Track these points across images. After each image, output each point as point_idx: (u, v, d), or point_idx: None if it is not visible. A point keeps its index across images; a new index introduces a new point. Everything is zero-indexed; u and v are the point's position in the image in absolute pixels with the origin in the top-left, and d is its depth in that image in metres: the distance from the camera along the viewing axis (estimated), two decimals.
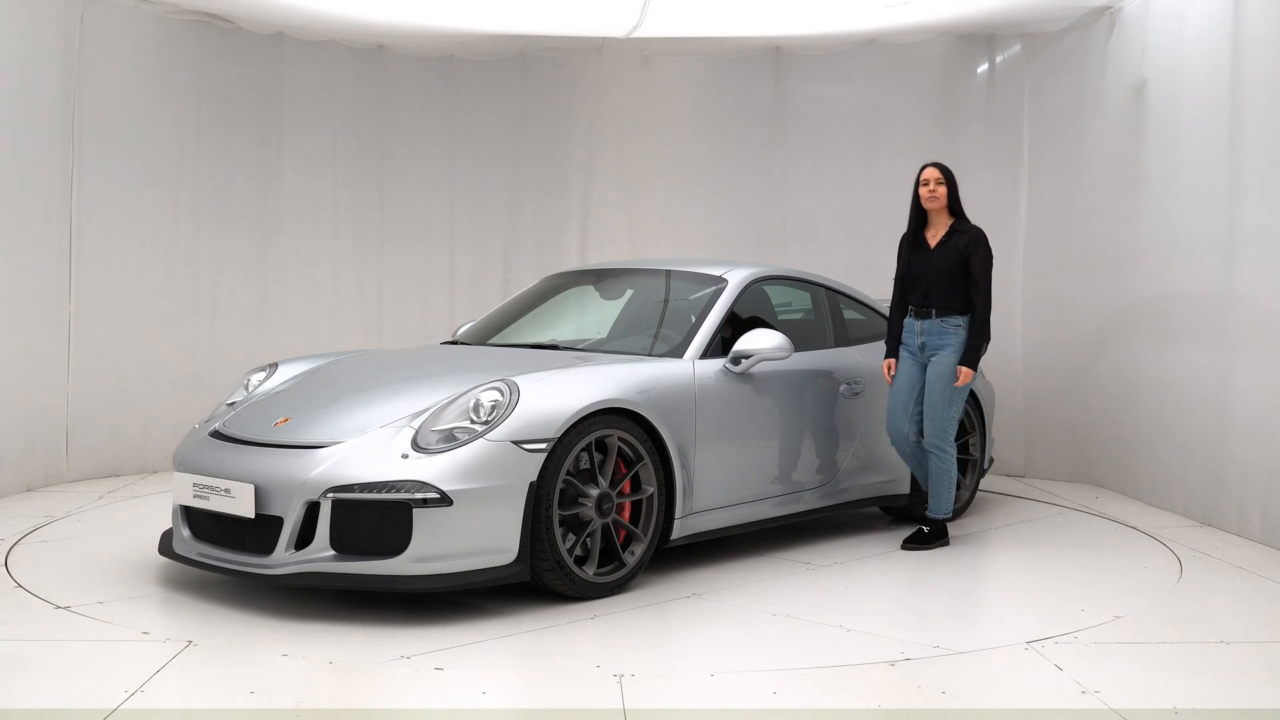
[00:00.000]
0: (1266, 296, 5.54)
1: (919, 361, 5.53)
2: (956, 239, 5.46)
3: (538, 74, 8.52)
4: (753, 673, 3.65)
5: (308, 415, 4.58)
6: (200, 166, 7.82)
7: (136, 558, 5.04)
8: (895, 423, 5.56)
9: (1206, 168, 6.07)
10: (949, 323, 5.43)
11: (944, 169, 5.54)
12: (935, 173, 5.51)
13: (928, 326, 5.47)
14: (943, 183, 5.49)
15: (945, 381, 5.41)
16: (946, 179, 5.50)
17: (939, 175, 5.51)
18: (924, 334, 5.49)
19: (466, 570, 4.14)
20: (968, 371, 5.40)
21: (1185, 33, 6.35)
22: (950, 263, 5.42)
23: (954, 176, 5.55)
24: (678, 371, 4.95)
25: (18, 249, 6.63)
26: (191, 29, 7.74)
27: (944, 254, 5.46)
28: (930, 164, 5.56)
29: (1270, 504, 5.52)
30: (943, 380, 5.41)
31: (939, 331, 5.45)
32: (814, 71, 8.37)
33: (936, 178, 5.50)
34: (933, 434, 5.47)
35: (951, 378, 5.39)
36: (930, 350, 5.47)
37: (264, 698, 3.36)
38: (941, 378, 5.42)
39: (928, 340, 5.48)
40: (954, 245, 5.45)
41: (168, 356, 7.69)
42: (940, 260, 5.46)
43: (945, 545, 5.56)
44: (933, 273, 5.46)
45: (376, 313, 8.45)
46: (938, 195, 5.49)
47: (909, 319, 5.57)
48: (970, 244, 5.43)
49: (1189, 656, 3.87)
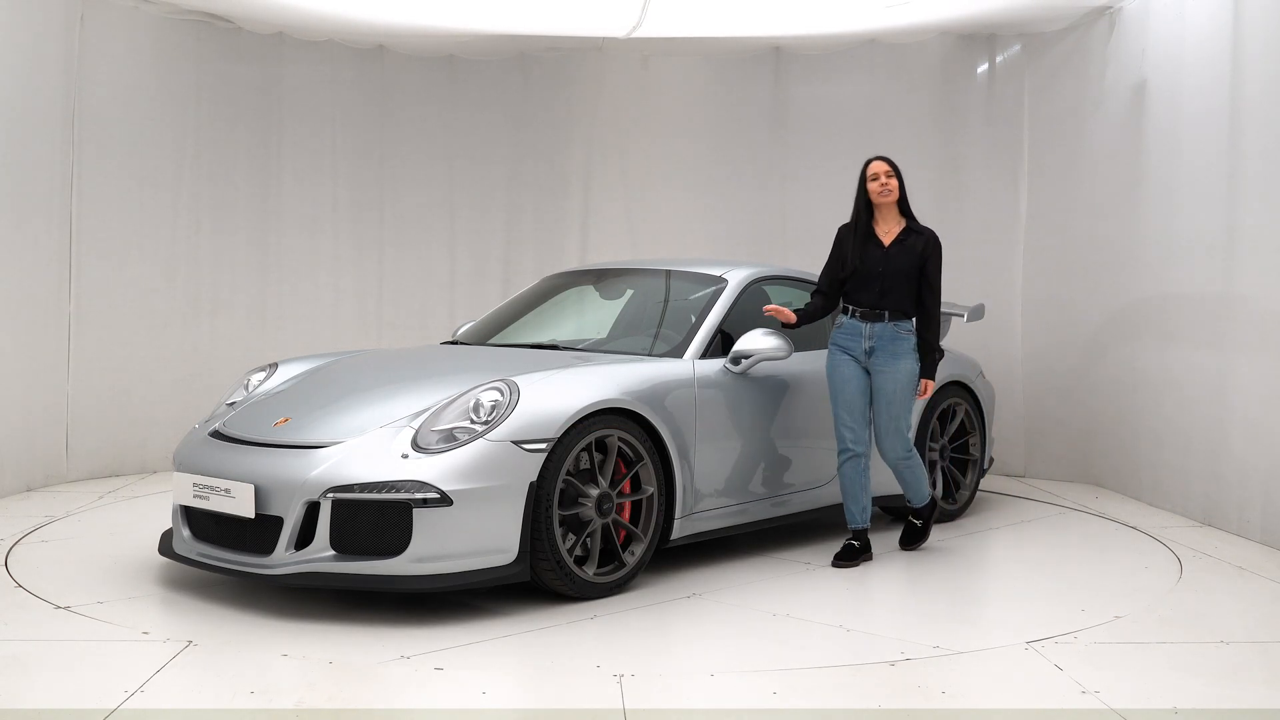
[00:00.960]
0: (1266, 296, 5.54)
1: (863, 367, 5.16)
2: (914, 240, 5.17)
3: (538, 74, 8.52)
4: (753, 673, 3.65)
5: (308, 415, 4.58)
6: (200, 167, 7.82)
7: (136, 558, 5.04)
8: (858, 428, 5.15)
9: (1206, 168, 6.07)
10: (901, 327, 5.13)
11: (893, 163, 5.24)
12: (885, 166, 5.20)
13: (879, 331, 5.11)
14: (893, 176, 5.18)
15: (905, 391, 5.11)
16: (896, 173, 5.20)
17: (889, 169, 5.19)
18: (874, 338, 5.11)
19: (466, 570, 4.14)
20: (932, 384, 5.19)
21: (1185, 33, 6.35)
22: (909, 264, 5.13)
23: (901, 172, 5.25)
24: (678, 371, 4.95)
25: (18, 249, 6.63)
26: (191, 29, 7.74)
27: (902, 254, 5.14)
28: (877, 157, 5.25)
29: (1270, 504, 5.52)
30: (902, 390, 5.11)
31: (892, 337, 5.11)
32: (814, 71, 8.37)
33: (887, 171, 5.18)
34: (898, 446, 5.18)
35: (909, 386, 5.12)
36: (881, 357, 5.11)
37: (264, 698, 3.36)
38: (901, 388, 5.11)
39: (878, 345, 5.11)
40: (912, 246, 5.16)
41: (168, 356, 7.69)
42: (900, 260, 5.13)
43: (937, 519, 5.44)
44: (891, 273, 5.12)
45: (376, 313, 8.45)
46: (890, 189, 5.16)
47: (852, 320, 5.17)
48: (928, 246, 5.17)
49: (1189, 656, 3.87)
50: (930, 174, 8.11)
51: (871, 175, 5.19)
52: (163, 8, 7.53)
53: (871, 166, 5.21)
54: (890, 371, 5.10)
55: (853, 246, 5.20)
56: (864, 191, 5.20)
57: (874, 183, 5.17)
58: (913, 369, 5.13)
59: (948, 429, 6.27)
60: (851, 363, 5.16)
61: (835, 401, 5.18)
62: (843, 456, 5.15)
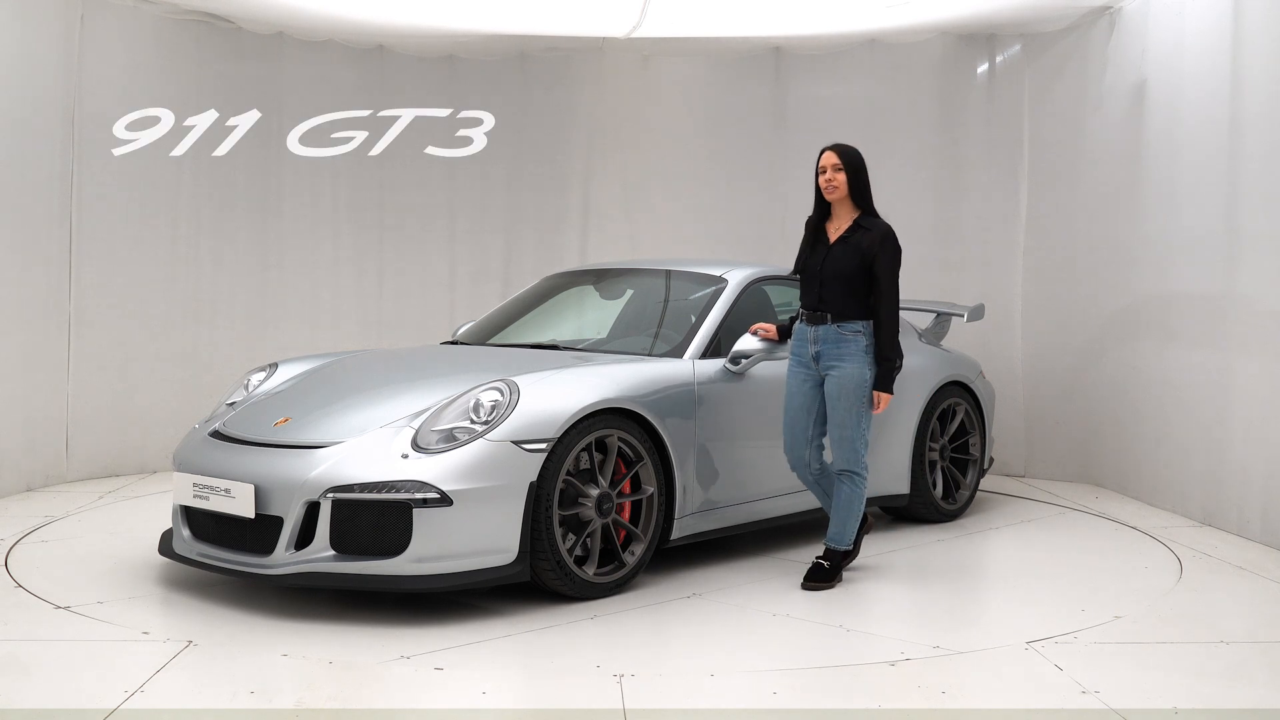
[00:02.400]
0: (1266, 296, 5.54)
1: (813, 375, 4.79)
2: (860, 236, 4.70)
3: (538, 74, 8.52)
4: (753, 673, 3.65)
5: (308, 415, 4.58)
6: (200, 167, 7.81)
7: (136, 558, 5.04)
8: (795, 449, 4.84)
9: (1206, 167, 6.07)
10: (847, 329, 4.70)
11: (846, 153, 4.74)
12: (833, 158, 4.73)
13: (823, 334, 4.72)
14: (841, 169, 4.70)
15: (851, 398, 4.68)
16: (847, 165, 4.71)
17: (836, 161, 4.72)
18: (819, 343, 4.73)
19: (466, 570, 4.14)
20: (887, 398, 4.72)
21: (1185, 33, 6.35)
22: (851, 263, 4.68)
23: (861, 162, 4.76)
24: (678, 371, 4.95)
25: (18, 249, 6.63)
26: (191, 29, 7.74)
27: (844, 252, 4.71)
28: (830, 147, 4.78)
29: (1270, 504, 5.52)
30: (848, 397, 4.68)
31: (836, 340, 4.70)
32: (814, 71, 8.37)
33: (834, 163, 4.71)
34: (843, 458, 4.74)
35: (857, 393, 4.68)
36: (827, 362, 4.73)
37: (264, 698, 3.36)
38: (847, 394, 4.68)
39: (823, 350, 4.72)
40: (856, 243, 4.70)
41: (168, 356, 7.69)
42: (841, 259, 4.71)
43: (839, 582, 4.80)
44: (831, 273, 4.71)
45: (376, 313, 8.44)
46: (835, 184, 4.72)
47: (800, 323, 4.83)
48: (876, 242, 4.68)
49: (1189, 656, 3.87)
50: (930, 174, 8.12)
51: (820, 168, 4.77)
52: (163, 8, 7.52)
53: (822, 157, 4.77)
54: (835, 376, 4.71)
55: (802, 246, 4.90)
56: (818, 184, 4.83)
57: (821, 175, 4.76)
58: (860, 375, 4.68)
59: (948, 429, 6.27)
60: (800, 370, 4.82)
61: (784, 412, 4.89)
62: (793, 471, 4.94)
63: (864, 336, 4.70)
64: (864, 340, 4.70)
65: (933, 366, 6.19)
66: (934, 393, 6.09)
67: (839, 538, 4.83)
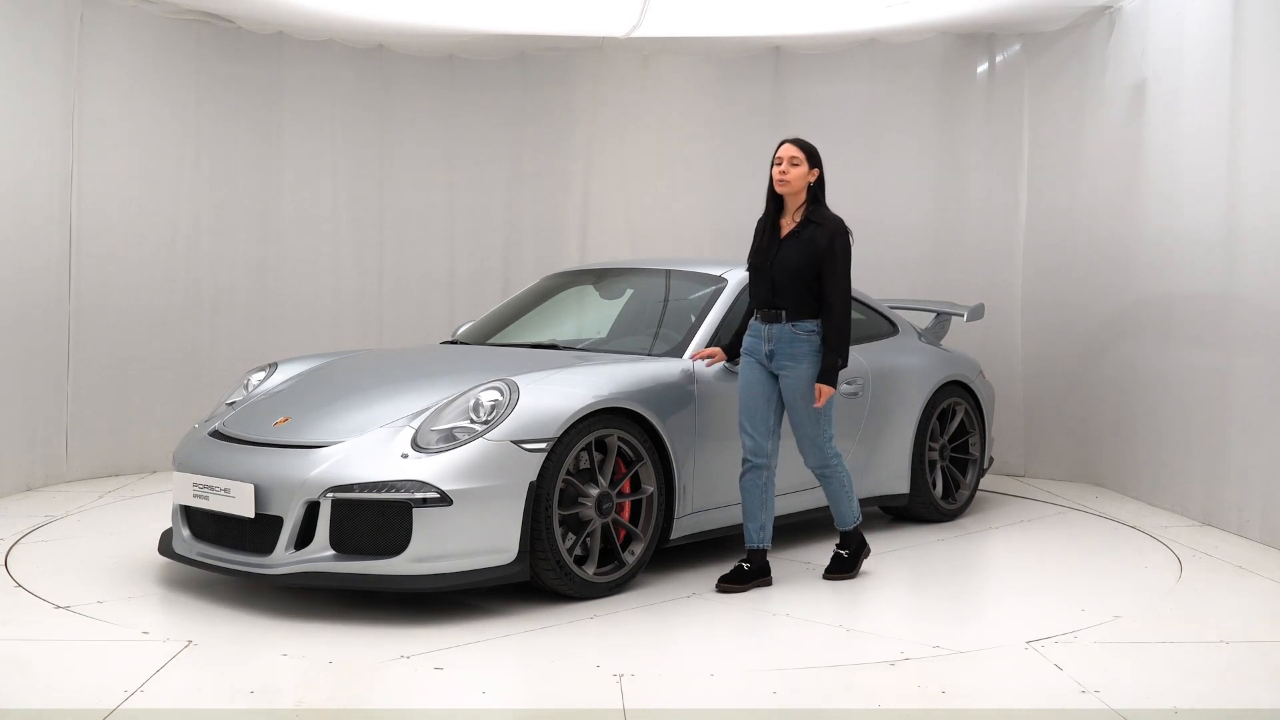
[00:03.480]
0: (1266, 296, 5.54)
1: (769, 370, 4.71)
2: (810, 230, 4.63)
3: (538, 74, 8.52)
4: (753, 673, 3.65)
5: (307, 415, 4.58)
6: (200, 166, 7.82)
7: (136, 558, 5.04)
8: (758, 441, 4.70)
9: (1206, 167, 6.07)
10: (801, 328, 4.62)
11: (805, 146, 4.70)
12: (792, 150, 4.67)
13: (777, 333, 4.65)
14: (797, 163, 4.64)
15: (809, 398, 4.62)
16: (808, 158, 4.67)
17: (795, 153, 4.66)
18: (772, 341, 4.66)
19: (466, 570, 4.14)
20: (828, 391, 4.60)
21: (1185, 32, 6.35)
22: (802, 258, 4.60)
23: (818, 157, 4.72)
24: (677, 371, 4.95)
25: (18, 249, 6.63)
26: (191, 29, 7.74)
27: (795, 247, 4.64)
28: (789, 139, 4.74)
29: (1270, 504, 5.52)
30: (805, 397, 4.63)
31: (790, 339, 4.62)
32: (814, 71, 8.37)
33: (791, 156, 4.66)
34: (814, 459, 4.74)
35: (812, 394, 4.62)
36: (781, 361, 4.65)
37: (264, 698, 3.36)
38: (804, 395, 4.63)
39: (777, 349, 4.65)
40: (807, 237, 4.62)
41: (168, 356, 7.69)
42: (791, 255, 4.63)
43: (867, 554, 4.95)
44: (781, 269, 4.64)
45: (376, 313, 8.45)
46: (789, 178, 4.65)
47: (754, 321, 4.77)
48: (827, 237, 4.60)
49: (1189, 656, 3.87)
50: (930, 174, 8.12)
51: (776, 159, 4.70)
52: (163, 8, 7.52)
53: (780, 149, 4.72)
54: (790, 376, 4.65)
55: (754, 243, 4.83)
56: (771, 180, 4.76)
57: (776, 168, 4.69)
58: (810, 373, 4.62)
59: (948, 429, 6.27)
60: (755, 366, 4.73)
61: (740, 408, 4.78)
62: (742, 468, 4.76)
63: (818, 336, 4.64)
64: (818, 340, 4.63)
65: (932, 366, 6.19)
66: (934, 392, 6.09)
67: (846, 519, 4.90)
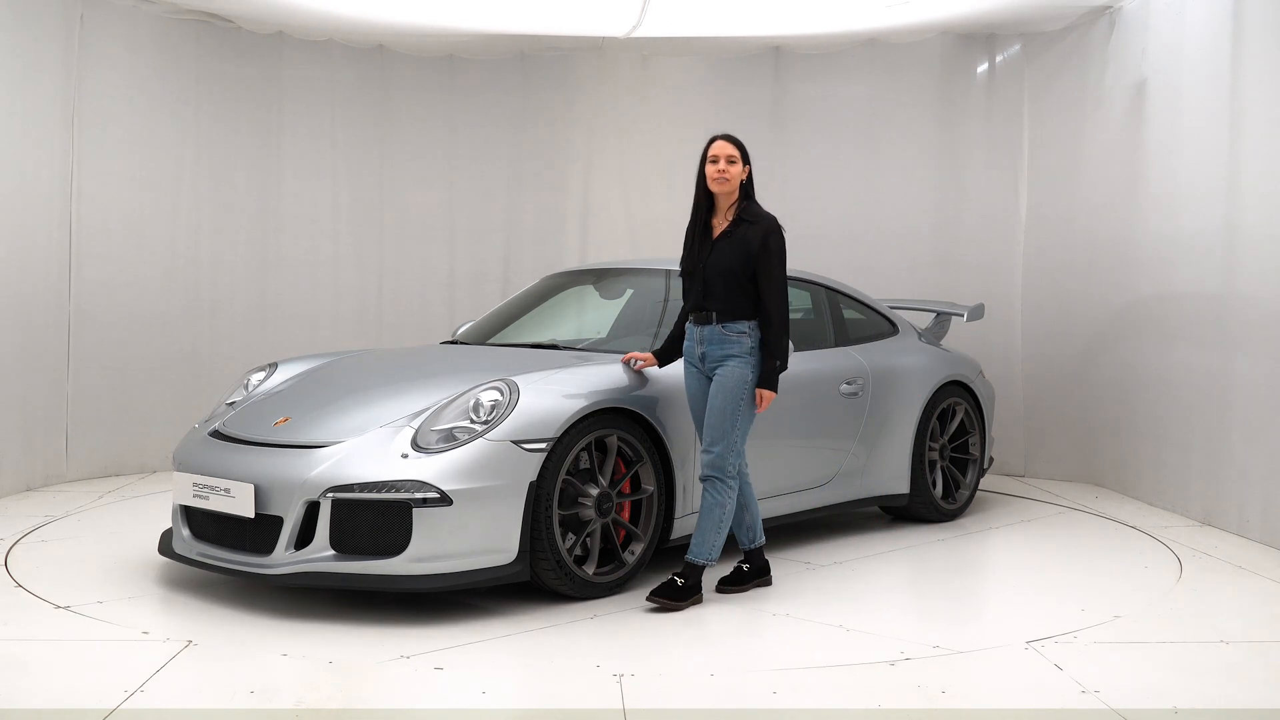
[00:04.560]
0: (1266, 296, 5.54)
1: (704, 375, 4.55)
2: (744, 229, 4.47)
3: (538, 74, 8.52)
4: (753, 673, 3.65)
5: (307, 415, 4.58)
6: (200, 166, 7.82)
7: (136, 558, 5.05)
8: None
9: (1206, 167, 6.07)
10: (732, 330, 4.46)
11: (739, 143, 4.53)
12: (729, 148, 4.50)
13: (708, 335, 4.48)
14: (736, 161, 4.49)
15: (729, 395, 4.40)
16: (742, 157, 4.52)
17: (731, 151, 4.50)
18: (704, 343, 4.50)
19: (466, 570, 4.14)
20: (770, 396, 4.44)
21: (1185, 32, 6.35)
22: (735, 258, 4.44)
23: (748, 154, 4.57)
24: (677, 371, 4.94)
25: (18, 249, 6.63)
26: (191, 29, 7.74)
27: (729, 247, 4.47)
28: (721, 136, 4.55)
29: (1270, 504, 5.52)
30: (725, 394, 4.40)
31: (720, 341, 4.46)
32: (814, 71, 8.37)
33: (729, 154, 4.49)
34: (710, 460, 4.43)
35: (738, 391, 4.41)
36: (711, 363, 4.50)
37: (264, 698, 3.36)
38: (724, 391, 4.41)
39: (708, 351, 4.49)
40: (740, 236, 4.46)
41: (168, 356, 7.69)
42: (725, 255, 4.47)
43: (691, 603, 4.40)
44: (713, 270, 4.47)
45: (376, 313, 8.45)
46: (729, 176, 4.48)
47: (689, 325, 4.59)
48: (761, 235, 4.44)
49: (1189, 656, 3.87)
50: (930, 174, 8.12)
51: (711, 157, 4.52)
52: (163, 7, 7.53)
53: (714, 147, 4.53)
54: (718, 376, 4.46)
55: (688, 244, 4.61)
56: (703, 176, 4.56)
57: (712, 166, 4.51)
58: (742, 374, 4.42)
59: (947, 428, 6.27)
60: (694, 373, 4.57)
61: (693, 419, 4.63)
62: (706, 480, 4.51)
63: (749, 337, 4.46)
64: (749, 341, 4.46)
65: (932, 366, 6.19)
66: (934, 392, 6.09)
67: (700, 550, 4.45)
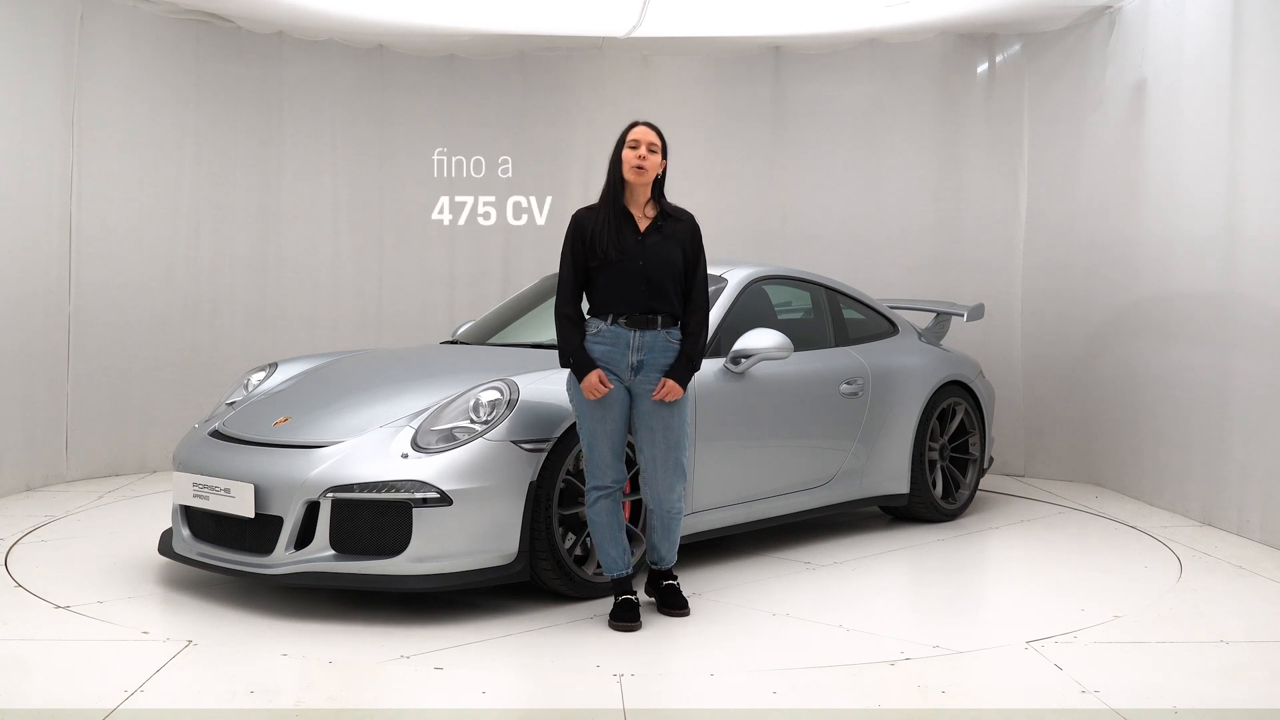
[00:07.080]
0: (1266, 296, 5.54)
1: (626, 386, 4.13)
2: (672, 225, 4.18)
3: (538, 74, 8.52)
4: (753, 673, 3.65)
5: (307, 415, 4.58)
6: (200, 166, 7.82)
7: (136, 558, 5.04)
8: (618, 464, 4.14)
9: (1206, 167, 6.07)
10: (673, 336, 4.14)
11: (661, 134, 4.18)
12: (651, 135, 4.13)
13: (651, 341, 4.09)
14: (656, 150, 4.12)
15: (684, 424, 4.15)
16: (663, 148, 4.17)
17: (654, 139, 4.13)
18: (643, 350, 4.08)
19: (466, 570, 4.14)
20: (675, 389, 4.09)
21: (1185, 32, 6.35)
22: (674, 255, 4.14)
23: (668, 150, 4.22)
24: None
25: (18, 249, 6.63)
26: (191, 29, 7.74)
27: (663, 243, 4.14)
28: (642, 122, 4.18)
29: (1270, 504, 5.52)
30: (681, 424, 4.14)
31: (664, 348, 4.12)
32: (814, 71, 8.37)
33: (651, 141, 4.12)
34: (676, 487, 4.16)
35: (685, 413, 4.16)
36: (651, 373, 4.10)
37: (264, 698, 3.36)
38: (680, 420, 4.14)
39: (647, 359, 4.09)
40: (669, 232, 4.17)
41: (168, 357, 7.69)
42: (663, 250, 4.12)
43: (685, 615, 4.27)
44: (656, 266, 4.10)
45: (376, 313, 8.45)
46: (647, 166, 4.10)
47: (614, 327, 4.10)
48: (690, 231, 4.21)
49: (1189, 656, 3.87)
50: (930, 174, 8.12)
51: (632, 142, 4.12)
52: (163, 7, 7.53)
53: (634, 132, 4.14)
54: (660, 403, 4.12)
55: (605, 233, 4.11)
56: (618, 163, 4.13)
57: (632, 151, 4.11)
58: (687, 396, 4.18)
59: (947, 428, 6.27)
60: (616, 384, 4.10)
61: (592, 428, 4.12)
62: (595, 494, 4.16)
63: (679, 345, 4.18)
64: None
65: (932, 366, 6.19)
66: (934, 392, 6.09)
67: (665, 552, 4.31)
